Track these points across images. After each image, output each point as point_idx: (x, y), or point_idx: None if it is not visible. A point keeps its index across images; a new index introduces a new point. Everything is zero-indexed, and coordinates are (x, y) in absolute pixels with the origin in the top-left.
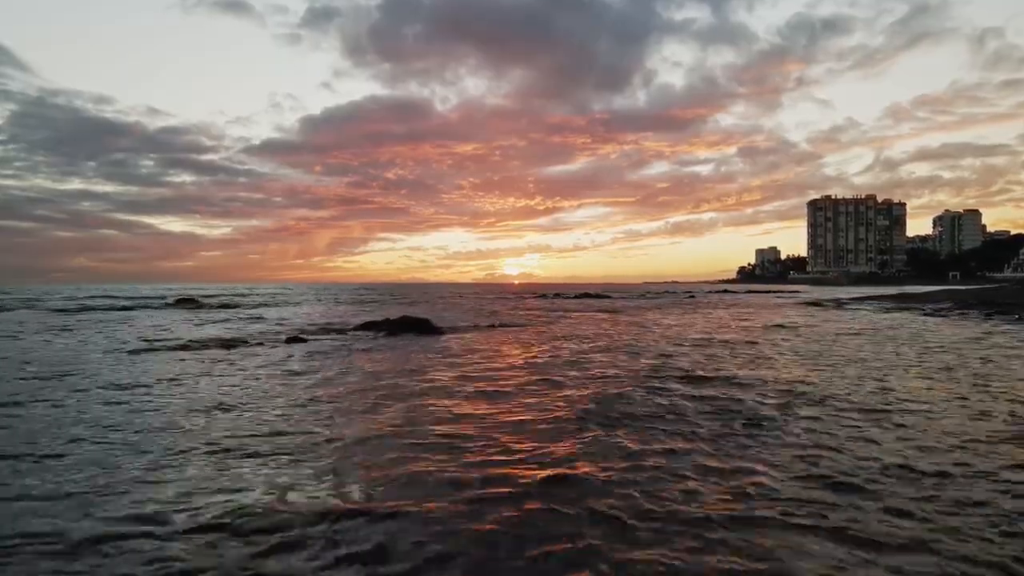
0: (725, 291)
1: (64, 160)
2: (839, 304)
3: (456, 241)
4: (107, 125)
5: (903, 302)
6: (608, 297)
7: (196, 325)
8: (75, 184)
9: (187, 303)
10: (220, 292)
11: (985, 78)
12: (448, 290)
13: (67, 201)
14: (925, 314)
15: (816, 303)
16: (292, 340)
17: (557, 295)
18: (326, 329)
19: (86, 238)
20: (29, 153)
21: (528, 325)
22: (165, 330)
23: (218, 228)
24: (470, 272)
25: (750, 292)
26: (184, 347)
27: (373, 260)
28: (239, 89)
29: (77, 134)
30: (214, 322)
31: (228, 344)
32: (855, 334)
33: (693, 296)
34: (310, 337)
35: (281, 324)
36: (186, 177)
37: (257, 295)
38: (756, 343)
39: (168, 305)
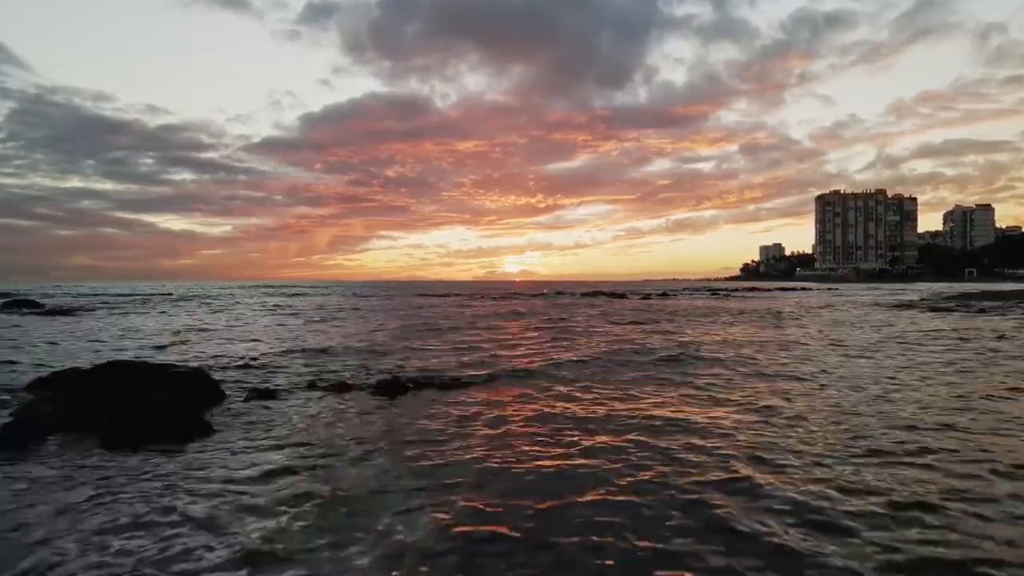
0: (753, 288)
1: (63, 158)
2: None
3: (457, 239)
4: (106, 123)
5: None
6: (623, 296)
7: None
8: (75, 182)
9: (15, 307)
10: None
11: (988, 74)
12: (441, 289)
13: (67, 199)
14: None
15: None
16: None
17: (559, 293)
18: None
19: (86, 236)
20: (28, 151)
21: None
22: None
23: (218, 226)
24: (471, 270)
25: (781, 289)
26: None
27: (374, 258)
28: (238, 86)
29: (76, 132)
30: None
31: None
32: None
33: (728, 295)
34: None
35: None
36: (186, 175)
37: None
38: None
39: None
